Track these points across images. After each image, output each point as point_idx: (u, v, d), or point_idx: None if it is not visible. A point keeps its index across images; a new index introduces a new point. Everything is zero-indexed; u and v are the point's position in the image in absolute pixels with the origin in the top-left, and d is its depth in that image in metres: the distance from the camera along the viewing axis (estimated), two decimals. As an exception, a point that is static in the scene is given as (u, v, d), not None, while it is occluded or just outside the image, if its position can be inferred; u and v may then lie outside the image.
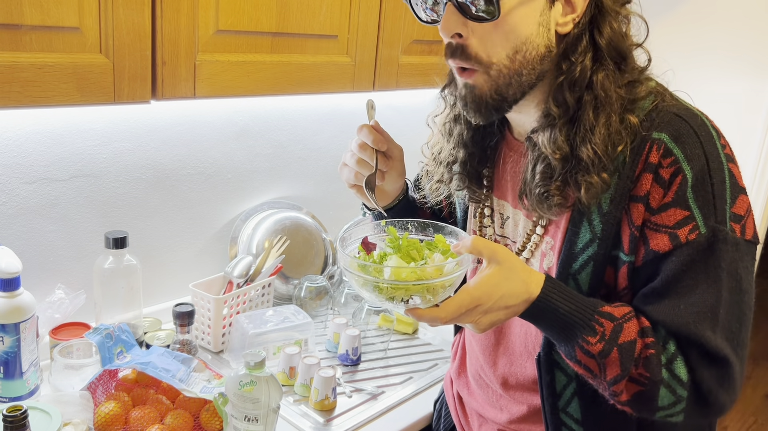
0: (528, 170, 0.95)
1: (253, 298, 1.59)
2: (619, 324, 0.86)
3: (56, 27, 1.01)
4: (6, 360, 1.18)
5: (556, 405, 1.00)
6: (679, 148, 0.86)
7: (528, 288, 0.86)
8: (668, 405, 0.86)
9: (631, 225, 0.89)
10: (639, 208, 0.88)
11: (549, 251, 1.00)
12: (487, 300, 0.84)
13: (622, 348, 0.85)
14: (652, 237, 0.88)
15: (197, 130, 1.61)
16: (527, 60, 0.88)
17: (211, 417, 1.16)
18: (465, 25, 0.87)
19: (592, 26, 0.89)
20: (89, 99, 1.07)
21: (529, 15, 0.86)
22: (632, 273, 0.91)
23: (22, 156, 1.34)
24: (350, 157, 1.11)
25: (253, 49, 1.27)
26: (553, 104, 0.90)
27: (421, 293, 0.84)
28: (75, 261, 1.46)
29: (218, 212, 1.72)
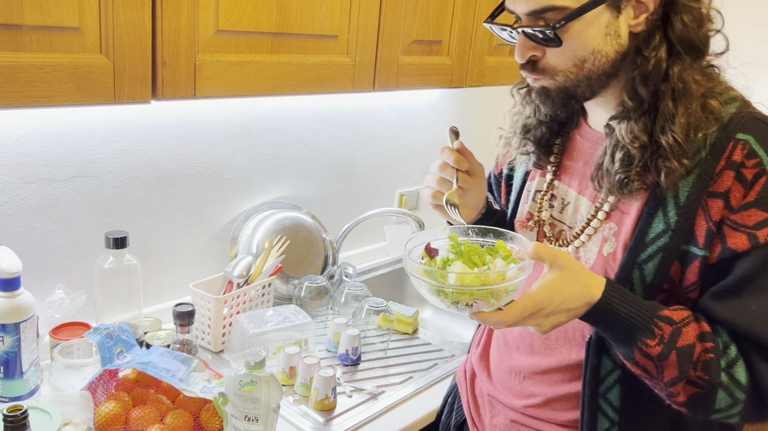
0: (606, 156, 0.98)
1: (253, 298, 1.59)
2: (678, 328, 0.88)
3: (56, 27, 1.01)
4: (6, 360, 1.18)
5: (596, 390, 1.01)
6: (765, 150, 0.88)
7: (589, 291, 0.88)
8: (725, 408, 0.88)
9: (708, 220, 0.90)
10: (718, 203, 0.89)
11: (611, 237, 1.00)
12: (549, 304, 0.87)
13: (680, 352, 0.87)
14: (730, 235, 0.89)
15: (197, 130, 1.61)
16: (596, 67, 0.94)
17: (211, 417, 1.17)
18: (536, 48, 0.94)
19: (665, 21, 0.92)
20: (89, 99, 1.07)
21: (593, 32, 0.91)
22: (704, 270, 0.92)
23: (22, 156, 1.34)
24: (431, 178, 1.13)
25: (253, 49, 1.27)
26: (627, 98, 0.94)
27: (484, 298, 0.87)
28: (75, 261, 1.46)
29: (218, 212, 1.72)
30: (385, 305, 1.66)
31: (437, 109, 2.23)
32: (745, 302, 0.88)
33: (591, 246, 1.02)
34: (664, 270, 0.93)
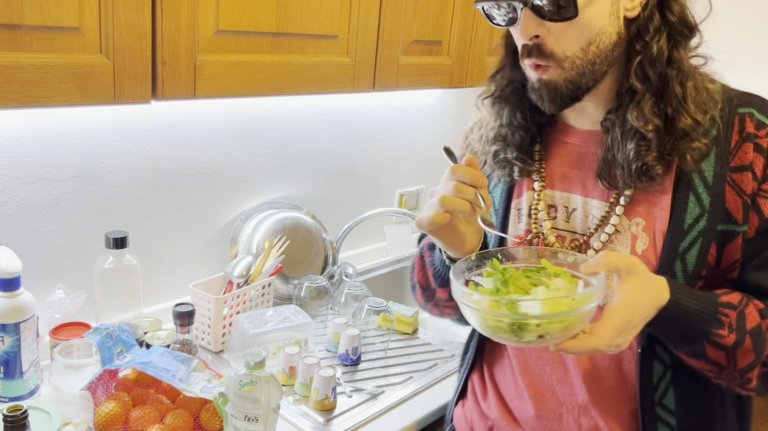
0: (615, 149, 0.95)
1: (253, 298, 1.59)
2: (741, 311, 0.88)
3: (56, 27, 1.01)
4: (6, 360, 1.18)
5: (652, 399, 0.97)
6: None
7: (659, 294, 0.85)
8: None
9: (742, 194, 0.91)
10: (747, 176, 0.91)
11: (641, 233, 0.96)
12: (635, 315, 0.82)
13: (753, 335, 0.87)
14: (764, 205, 0.91)
15: (197, 130, 1.61)
16: (600, 50, 0.91)
17: (211, 417, 1.16)
18: (542, 26, 0.90)
19: (662, 5, 0.92)
20: (89, 99, 1.07)
21: (602, 8, 0.89)
22: (744, 246, 0.92)
23: (22, 156, 1.34)
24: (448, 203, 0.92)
25: (253, 49, 1.27)
26: (637, 81, 0.93)
27: (574, 324, 0.78)
28: (75, 261, 1.46)
29: (218, 212, 1.72)
30: (385, 305, 1.66)
31: (437, 109, 2.23)
32: None
33: (620, 248, 0.97)
34: (704, 256, 0.92)
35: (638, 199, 0.96)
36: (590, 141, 1.01)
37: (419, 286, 1.17)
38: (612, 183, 0.97)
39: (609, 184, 0.97)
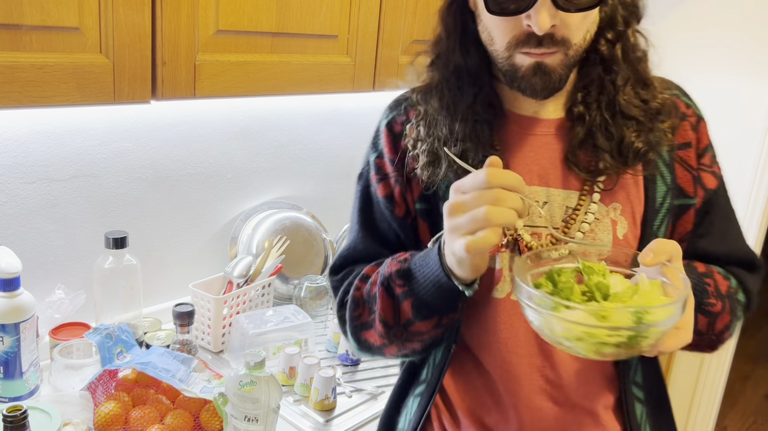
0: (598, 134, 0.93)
1: (253, 298, 1.59)
2: (713, 278, 0.93)
3: (56, 27, 1.01)
4: (6, 360, 1.18)
5: (628, 378, 0.99)
6: (692, 100, 1.00)
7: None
8: (735, 330, 0.97)
9: (690, 170, 0.97)
10: (690, 152, 0.97)
11: (620, 217, 0.95)
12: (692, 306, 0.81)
13: (729, 298, 0.92)
14: (705, 178, 0.97)
15: (197, 130, 1.61)
16: (587, 41, 0.91)
17: (211, 417, 1.16)
18: (555, 16, 0.85)
19: None
20: (89, 99, 1.07)
21: None
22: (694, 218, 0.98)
23: (22, 156, 1.34)
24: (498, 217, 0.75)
25: (253, 49, 1.27)
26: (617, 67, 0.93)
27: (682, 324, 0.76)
28: (75, 261, 1.46)
29: (218, 212, 1.72)
30: (385, 305, 1.65)
31: (437, 109, 2.23)
32: (729, 232, 1.00)
33: (601, 235, 0.95)
34: (670, 232, 0.96)
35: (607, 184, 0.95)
36: (554, 130, 0.97)
37: (380, 325, 0.94)
38: (589, 169, 0.95)
39: (587, 171, 0.95)
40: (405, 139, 0.99)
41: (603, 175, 0.95)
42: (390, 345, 0.96)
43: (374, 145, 1.04)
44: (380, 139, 1.02)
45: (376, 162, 1.02)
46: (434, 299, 0.89)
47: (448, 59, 0.96)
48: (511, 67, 0.89)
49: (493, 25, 0.88)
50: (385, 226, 1.02)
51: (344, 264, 1.05)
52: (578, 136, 0.95)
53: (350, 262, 1.04)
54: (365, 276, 0.98)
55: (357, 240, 1.05)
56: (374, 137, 1.05)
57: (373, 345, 0.97)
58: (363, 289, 0.97)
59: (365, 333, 0.97)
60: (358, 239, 1.04)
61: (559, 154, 0.97)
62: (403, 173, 0.99)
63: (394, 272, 0.92)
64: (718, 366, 2.60)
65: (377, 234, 1.03)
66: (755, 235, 2.44)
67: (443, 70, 0.97)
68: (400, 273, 0.91)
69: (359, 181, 1.06)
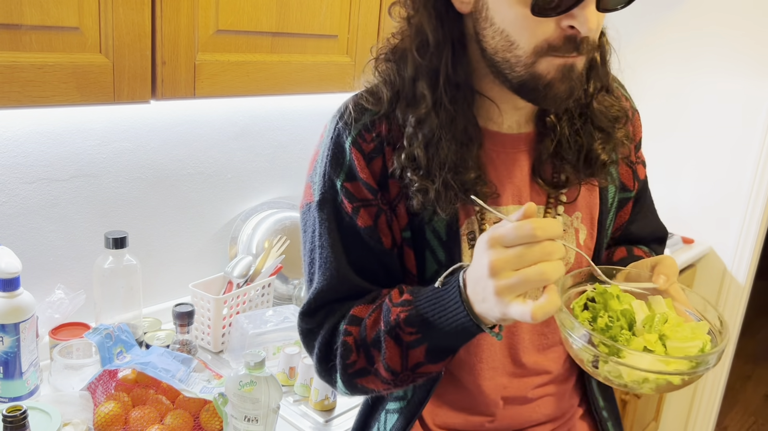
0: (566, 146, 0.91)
1: (253, 298, 1.59)
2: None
3: (56, 27, 1.01)
4: (6, 360, 1.18)
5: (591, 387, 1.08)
6: (627, 92, 1.03)
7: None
8: None
9: (630, 164, 1.02)
10: (630, 147, 1.01)
11: (581, 225, 0.96)
12: None
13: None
14: (639, 170, 1.04)
15: (197, 130, 1.61)
16: None
17: (211, 418, 1.16)
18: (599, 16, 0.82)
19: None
20: (89, 99, 1.06)
21: None
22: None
23: (22, 156, 1.34)
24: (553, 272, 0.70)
25: (253, 49, 1.27)
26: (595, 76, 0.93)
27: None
28: (75, 261, 1.46)
29: (218, 212, 1.72)
30: (385, 305, 1.65)
31: (437, 109, 2.23)
32: (650, 212, 1.08)
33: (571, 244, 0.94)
34: (613, 225, 1.03)
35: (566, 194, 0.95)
36: (523, 145, 0.93)
37: (386, 373, 0.86)
38: (553, 182, 0.93)
39: (551, 184, 0.93)
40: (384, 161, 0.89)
41: (566, 187, 0.94)
42: (394, 388, 0.90)
43: (337, 166, 0.89)
44: (348, 159, 0.89)
45: (346, 186, 0.89)
46: (454, 343, 0.83)
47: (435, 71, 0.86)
48: (530, 75, 0.81)
49: (521, 27, 0.79)
50: (368, 259, 0.91)
51: (321, 305, 0.92)
52: (547, 150, 0.92)
53: (327, 302, 0.92)
54: (355, 318, 0.89)
55: (332, 276, 0.90)
56: (333, 156, 0.90)
57: (371, 389, 0.90)
58: (356, 334, 0.88)
59: (362, 380, 0.89)
60: (332, 274, 0.90)
61: (528, 170, 0.94)
62: (388, 200, 0.90)
63: (402, 320, 0.83)
64: (718, 366, 2.60)
65: (358, 267, 0.91)
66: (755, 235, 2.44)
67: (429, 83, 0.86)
68: (410, 321, 0.83)
69: (321, 208, 0.90)
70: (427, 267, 0.92)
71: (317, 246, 0.91)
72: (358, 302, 0.90)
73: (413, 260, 0.92)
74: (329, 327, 0.91)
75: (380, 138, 0.89)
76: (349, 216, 0.89)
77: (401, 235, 0.91)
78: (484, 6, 0.81)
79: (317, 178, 0.92)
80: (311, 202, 0.92)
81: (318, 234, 0.91)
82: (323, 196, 0.90)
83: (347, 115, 0.90)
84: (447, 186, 0.86)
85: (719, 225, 2.49)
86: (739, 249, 2.47)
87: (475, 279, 0.75)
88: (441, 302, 0.80)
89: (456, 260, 0.90)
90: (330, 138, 0.91)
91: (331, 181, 0.90)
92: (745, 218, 2.43)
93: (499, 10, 0.80)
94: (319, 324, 0.92)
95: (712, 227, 2.51)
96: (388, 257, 0.91)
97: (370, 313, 0.88)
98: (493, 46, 0.83)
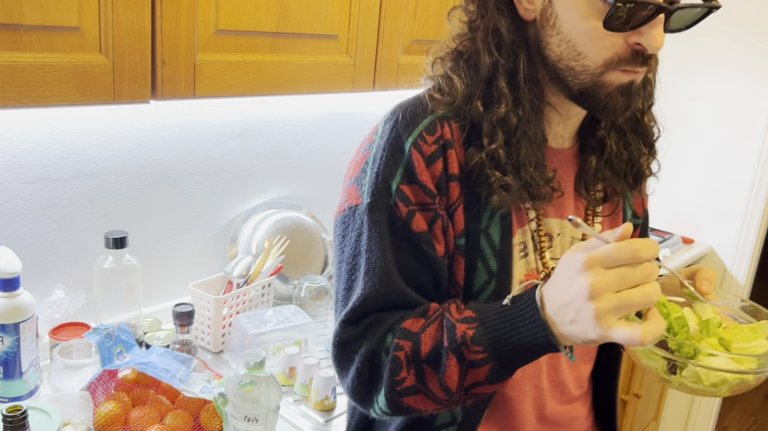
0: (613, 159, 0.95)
1: (253, 298, 1.59)
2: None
3: (56, 27, 1.01)
4: (6, 360, 1.18)
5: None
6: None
7: None
8: None
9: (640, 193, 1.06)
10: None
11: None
12: None
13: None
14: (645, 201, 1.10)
15: (197, 130, 1.61)
16: None
17: (211, 417, 1.16)
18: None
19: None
20: (89, 99, 1.06)
21: None
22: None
23: (22, 156, 1.34)
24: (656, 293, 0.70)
25: (253, 49, 1.27)
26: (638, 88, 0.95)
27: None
28: (75, 261, 1.46)
29: (218, 212, 1.72)
30: (385, 305, 1.65)
31: (437, 109, 2.23)
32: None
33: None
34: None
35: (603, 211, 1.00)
36: (567, 159, 0.95)
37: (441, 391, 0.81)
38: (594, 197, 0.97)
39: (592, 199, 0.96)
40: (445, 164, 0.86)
41: (607, 202, 0.97)
42: (444, 408, 0.85)
43: (394, 167, 0.86)
44: (406, 161, 0.86)
45: (402, 189, 0.85)
46: (523, 362, 0.79)
47: (514, 70, 0.86)
48: (595, 84, 0.83)
49: (590, 39, 0.80)
50: (418, 266, 0.87)
51: (366, 313, 0.86)
52: (592, 164, 0.94)
53: (373, 310, 0.86)
54: (407, 332, 0.82)
55: (381, 283, 0.85)
56: (390, 157, 0.87)
57: (416, 409, 0.84)
58: (408, 350, 0.82)
59: (410, 399, 0.83)
60: (382, 280, 0.85)
61: (571, 183, 0.96)
62: (445, 204, 0.87)
63: (469, 338, 0.78)
64: (718, 367, 2.60)
65: (408, 275, 0.86)
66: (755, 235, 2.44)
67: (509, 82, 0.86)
68: (477, 339, 0.78)
69: (372, 211, 0.86)
70: (477, 277, 0.88)
71: (363, 251, 0.86)
72: (407, 315, 0.84)
73: (463, 271, 0.89)
74: (375, 340, 0.84)
75: (443, 140, 0.87)
76: (403, 220, 0.85)
77: (455, 243, 0.88)
78: (553, 15, 0.83)
79: (367, 179, 0.88)
80: (357, 205, 0.88)
81: (366, 238, 0.86)
82: (374, 198, 0.86)
83: (407, 115, 0.88)
84: (528, 183, 0.86)
85: (719, 225, 2.50)
86: (739, 249, 2.47)
87: (564, 300, 0.72)
88: (513, 321, 0.77)
89: (508, 270, 0.89)
90: (385, 139, 0.88)
91: (386, 183, 0.86)
92: (745, 218, 2.43)
93: (569, 20, 0.82)
94: (360, 335, 0.85)
95: (712, 227, 2.51)
96: (439, 266, 0.88)
97: (424, 327, 0.82)
98: (558, 54, 0.84)
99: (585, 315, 0.69)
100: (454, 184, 0.86)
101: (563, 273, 0.72)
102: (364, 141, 0.93)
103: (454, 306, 0.83)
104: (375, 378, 0.84)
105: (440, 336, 0.81)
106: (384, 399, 0.83)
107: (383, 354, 0.83)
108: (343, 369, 0.87)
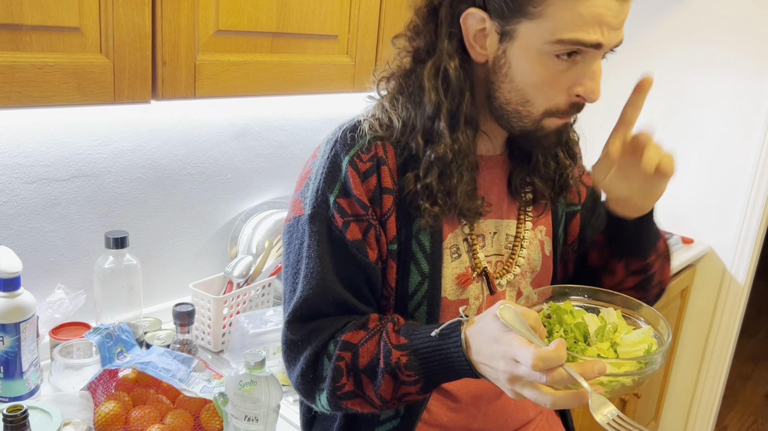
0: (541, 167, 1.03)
1: (253, 298, 1.59)
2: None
3: (56, 27, 1.01)
4: (6, 360, 1.18)
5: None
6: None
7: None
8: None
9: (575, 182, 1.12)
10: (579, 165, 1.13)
11: (545, 237, 1.09)
12: None
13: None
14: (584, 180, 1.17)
15: (197, 130, 1.61)
16: None
17: (211, 417, 1.16)
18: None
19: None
20: (89, 99, 1.07)
21: None
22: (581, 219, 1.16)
23: (22, 156, 1.34)
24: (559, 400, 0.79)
25: (253, 49, 1.27)
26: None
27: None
28: (75, 261, 1.46)
29: (218, 212, 1.72)
30: (385, 305, 1.65)
31: (437, 109, 2.23)
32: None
33: (534, 256, 1.06)
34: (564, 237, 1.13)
35: (534, 209, 1.07)
36: (498, 165, 1.04)
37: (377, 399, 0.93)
38: (525, 198, 1.04)
39: (524, 200, 1.04)
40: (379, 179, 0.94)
41: (535, 203, 1.06)
42: (378, 411, 0.96)
43: (331, 183, 0.95)
44: (343, 177, 0.94)
45: (338, 202, 0.94)
46: (450, 381, 0.90)
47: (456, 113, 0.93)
48: (535, 127, 0.92)
49: (539, 91, 0.88)
50: (353, 271, 0.95)
51: (308, 313, 0.96)
52: (519, 173, 1.03)
53: (314, 311, 0.95)
54: (347, 344, 0.93)
55: (317, 285, 0.94)
56: (328, 174, 0.95)
57: (354, 410, 0.95)
58: (348, 360, 0.92)
59: (348, 402, 0.94)
60: (318, 283, 0.94)
61: (503, 187, 1.05)
62: (378, 215, 0.95)
63: (402, 364, 0.88)
64: (718, 366, 2.60)
65: (344, 279, 0.95)
66: (755, 235, 2.44)
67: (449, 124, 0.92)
68: (410, 366, 0.88)
69: (312, 222, 0.95)
70: (411, 279, 0.98)
71: (304, 257, 0.95)
72: (348, 327, 0.94)
73: (395, 273, 0.98)
74: (317, 346, 0.94)
75: (377, 158, 0.95)
76: (339, 230, 0.94)
77: (387, 248, 0.96)
78: (506, 64, 0.89)
79: (309, 193, 0.97)
80: (301, 216, 0.97)
81: (306, 245, 0.95)
82: (315, 210, 0.95)
83: (347, 137, 0.96)
84: (461, 213, 0.96)
85: (719, 225, 2.50)
86: (738, 249, 2.47)
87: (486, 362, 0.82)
88: (441, 352, 0.86)
89: (439, 272, 0.98)
90: (326, 158, 0.97)
91: (324, 197, 0.95)
92: (745, 218, 2.43)
93: (522, 72, 0.88)
94: (305, 338, 0.95)
95: (712, 227, 2.51)
96: (372, 270, 0.96)
97: (363, 341, 0.92)
98: (507, 98, 0.91)
99: (501, 384, 0.81)
100: (387, 196, 0.95)
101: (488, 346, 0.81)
102: (309, 158, 1.02)
103: (391, 325, 0.92)
104: (318, 380, 0.95)
105: (377, 353, 0.91)
106: (326, 400, 0.94)
107: (326, 359, 0.93)
108: (290, 366, 0.98)
